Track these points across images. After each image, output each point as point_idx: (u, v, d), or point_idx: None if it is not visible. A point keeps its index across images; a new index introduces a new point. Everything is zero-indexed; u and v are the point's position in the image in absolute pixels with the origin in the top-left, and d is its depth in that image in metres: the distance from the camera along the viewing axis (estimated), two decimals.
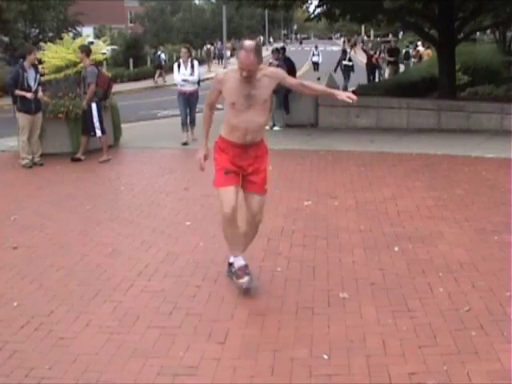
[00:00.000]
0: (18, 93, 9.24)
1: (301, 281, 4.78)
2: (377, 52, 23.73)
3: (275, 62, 12.81)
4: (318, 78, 15.50)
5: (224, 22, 33.75)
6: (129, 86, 26.68)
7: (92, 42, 12.58)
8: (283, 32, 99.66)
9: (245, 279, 4.52)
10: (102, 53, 11.58)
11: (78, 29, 30.17)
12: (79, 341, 3.90)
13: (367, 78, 22.67)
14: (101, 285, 4.78)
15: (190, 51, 11.73)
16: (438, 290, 4.52)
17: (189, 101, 11.19)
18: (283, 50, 13.94)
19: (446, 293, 4.46)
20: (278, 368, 3.55)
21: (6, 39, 26.80)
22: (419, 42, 26.29)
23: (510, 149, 9.35)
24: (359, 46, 47.67)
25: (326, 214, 6.54)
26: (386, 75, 24.10)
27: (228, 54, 39.65)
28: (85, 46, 10.15)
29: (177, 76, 11.23)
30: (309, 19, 16.02)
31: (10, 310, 4.38)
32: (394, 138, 11.29)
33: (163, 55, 29.34)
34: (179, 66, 11.22)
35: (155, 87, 26.65)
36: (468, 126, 11.95)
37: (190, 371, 3.54)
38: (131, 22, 63.56)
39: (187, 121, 11.25)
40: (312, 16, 15.69)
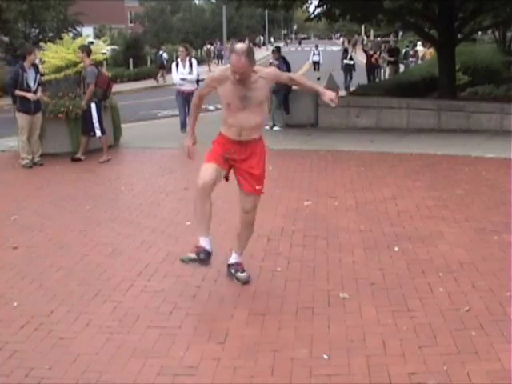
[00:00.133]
0: (19, 93, 9.24)
1: (301, 281, 4.78)
2: (377, 52, 23.70)
3: (275, 62, 12.84)
4: (318, 78, 15.52)
5: (224, 22, 33.73)
6: (129, 85, 26.70)
7: (92, 42, 12.57)
8: (283, 32, 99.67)
9: (198, 256, 4.42)
10: (102, 53, 11.58)
11: (78, 29, 30.20)
12: (79, 341, 3.90)
13: (367, 78, 22.69)
14: (101, 285, 4.78)
15: (187, 50, 11.69)
16: (438, 289, 4.52)
17: (187, 100, 11.09)
18: (278, 49, 14.24)
19: (445, 293, 4.47)
20: (278, 368, 3.55)
21: (6, 39, 26.82)
22: (419, 42, 26.26)
23: (509, 149, 9.35)
24: (359, 46, 47.65)
25: (325, 214, 6.54)
26: (386, 75, 24.11)
27: (228, 54, 39.61)
28: (85, 45, 10.15)
29: (175, 75, 11.20)
30: (309, 19, 16.00)
31: (9, 310, 4.38)
32: (394, 138, 11.29)
33: (165, 55, 29.37)
34: (177, 65, 11.20)
35: (155, 87, 26.68)
36: (468, 125, 11.94)
37: (189, 371, 3.54)
38: (131, 22, 63.58)
39: (186, 121, 11.19)
40: (312, 16, 15.68)
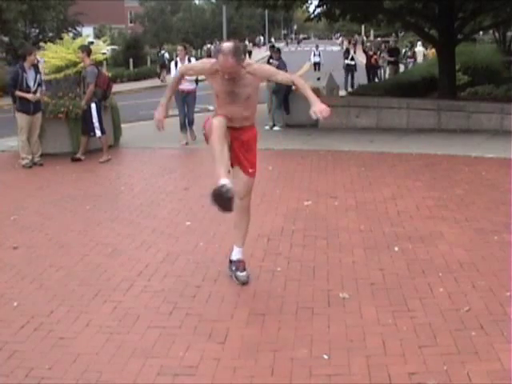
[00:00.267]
0: (18, 93, 9.25)
1: (301, 281, 4.78)
2: (376, 52, 23.70)
3: (275, 62, 12.84)
4: (318, 78, 15.52)
5: (224, 22, 33.76)
6: (129, 85, 26.71)
7: (92, 42, 12.57)
8: (283, 32, 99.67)
9: (223, 185, 4.04)
10: (102, 53, 11.58)
11: (78, 29, 30.19)
12: (79, 341, 3.90)
13: (367, 78, 22.70)
14: (101, 285, 4.78)
15: (186, 49, 11.57)
16: (438, 290, 4.52)
17: (186, 100, 11.07)
18: (273, 48, 14.61)
19: (446, 293, 4.46)
20: (278, 368, 3.54)
21: (6, 39, 26.82)
22: (419, 42, 26.26)
23: (509, 149, 9.34)
24: (359, 46, 47.66)
25: (325, 214, 6.54)
26: (386, 75, 24.11)
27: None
28: (85, 46, 10.14)
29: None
30: (309, 19, 16.02)
31: (9, 310, 4.37)
32: (394, 138, 11.29)
33: (167, 55, 29.39)
34: (176, 64, 11.12)
35: (155, 87, 26.65)
36: (468, 126, 11.94)
37: (189, 371, 3.54)
38: (131, 22, 63.54)
39: (186, 122, 11.16)
40: (312, 16, 15.70)
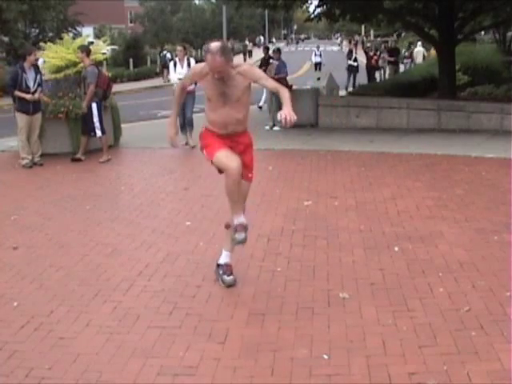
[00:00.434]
0: (17, 94, 9.25)
1: (301, 281, 4.78)
2: (376, 52, 23.71)
3: (276, 62, 12.85)
4: (318, 78, 15.54)
5: (224, 22, 33.77)
6: (129, 85, 26.73)
7: (92, 42, 12.56)
8: (283, 32, 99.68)
9: (243, 235, 4.48)
10: (102, 53, 11.57)
11: (78, 29, 30.23)
12: (79, 341, 3.90)
13: (367, 79, 22.71)
14: (101, 285, 4.78)
15: (186, 50, 11.49)
16: (438, 290, 4.52)
17: (185, 101, 10.99)
18: (266, 49, 15.43)
19: (446, 293, 4.46)
20: (278, 368, 3.54)
21: (6, 39, 26.83)
22: (419, 43, 26.24)
23: (510, 149, 9.34)
24: (360, 46, 47.72)
25: (325, 214, 6.54)
26: (386, 75, 24.12)
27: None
28: (84, 46, 10.14)
29: (173, 75, 10.98)
30: (309, 19, 16.02)
31: (9, 310, 4.37)
32: (394, 138, 11.29)
33: (169, 55, 29.39)
34: (175, 64, 11.03)
35: (155, 87, 26.69)
36: (468, 126, 11.94)
37: (189, 371, 3.53)
38: (131, 22, 63.56)
39: (185, 122, 11.09)
40: (312, 16, 15.70)
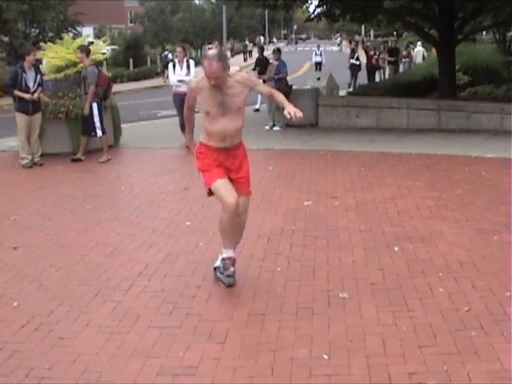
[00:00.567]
0: (17, 93, 9.26)
1: (301, 281, 4.78)
2: (376, 52, 23.71)
3: (276, 63, 12.85)
4: (318, 78, 15.51)
5: (224, 22, 33.78)
6: (129, 85, 26.73)
7: (92, 42, 12.57)
8: (283, 32, 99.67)
9: (231, 269, 4.60)
10: (102, 53, 11.57)
11: (78, 29, 30.22)
12: (79, 341, 3.90)
13: (367, 78, 22.71)
14: (101, 285, 4.78)
15: (185, 51, 11.35)
16: (438, 290, 4.52)
17: (184, 102, 10.93)
18: (261, 49, 15.65)
19: (446, 293, 4.46)
20: (278, 368, 3.54)
21: (6, 39, 26.83)
22: (419, 43, 26.26)
23: (510, 149, 9.35)
24: (360, 46, 47.76)
25: (325, 214, 6.54)
26: (386, 75, 24.12)
27: (228, 54, 39.70)
28: (84, 46, 10.13)
29: (172, 76, 10.82)
30: (309, 19, 16.03)
31: (9, 310, 4.37)
32: (394, 138, 11.29)
33: (170, 55, 29.41)
34: (174, 65, 10.87)
35: (155, 87, 26.69)
36: (468, 126, 11.95)
37: (189, 371, 3.54)
38: (131, 22, 63.61)
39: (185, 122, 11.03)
40: (312, 16, 15.70)
